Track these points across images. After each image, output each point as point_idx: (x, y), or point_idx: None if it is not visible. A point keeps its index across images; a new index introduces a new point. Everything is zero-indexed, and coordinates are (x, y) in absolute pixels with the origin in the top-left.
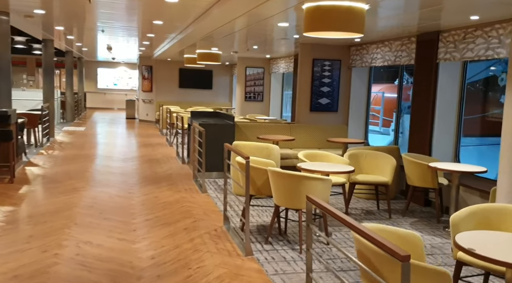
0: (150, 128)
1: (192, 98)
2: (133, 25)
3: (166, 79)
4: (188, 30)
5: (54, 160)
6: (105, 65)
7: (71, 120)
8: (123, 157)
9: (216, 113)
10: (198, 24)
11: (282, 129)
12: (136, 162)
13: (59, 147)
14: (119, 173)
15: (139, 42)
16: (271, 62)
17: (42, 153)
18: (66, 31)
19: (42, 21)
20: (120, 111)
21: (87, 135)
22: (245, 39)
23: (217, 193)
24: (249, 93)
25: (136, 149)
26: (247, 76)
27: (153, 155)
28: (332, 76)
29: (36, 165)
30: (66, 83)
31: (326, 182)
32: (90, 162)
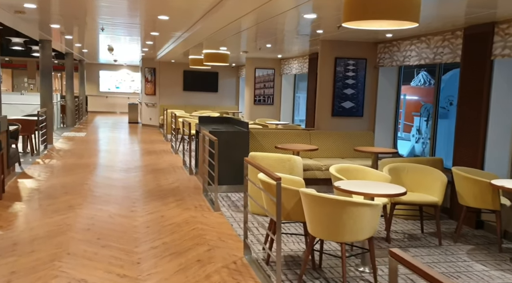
0: (154, 133)
1: (197, 101)
2: (135, 22)
3: (170, 82)
4: (195, 27)
5: (50, 171)
6: (107, 68)
7: (71, 125)
8: (125, 166)
9: (227, 119)
10: (207, 20)
11: (301, 137)
12: (139, 172)
13: (57, 155)
14: (121, 186)
15: (142, 41)
16: (282, 63)
17: (38, 162)
18: (63, 30)
19: (36, 18)
20: (122, 115)
21: (88, 141)
22: (256, 37)
23: (231, 211)
24: (258, 96)
25: (139, 156)
26: (257, 78)
27: (158, 163)
28: (356, 76)
29: (30, 177)
30: (66, 87)
31: (375, 209)
32: (89, 172)
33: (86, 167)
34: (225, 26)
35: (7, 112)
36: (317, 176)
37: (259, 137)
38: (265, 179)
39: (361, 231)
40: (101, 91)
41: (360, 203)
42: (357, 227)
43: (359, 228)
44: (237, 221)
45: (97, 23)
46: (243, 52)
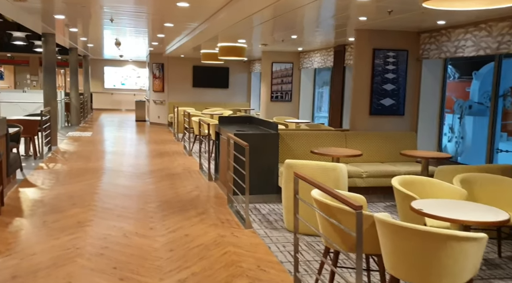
0: (163, 132)
1: (207, 98)
2: (147, 11)
3: (179, 78)
4: (216, 16)
5: (55, 177)
6: (112, 64)
7: (76, 124)
8: (137, 170)
9: (249, 118)
10: (231, 8)
11: (335, 139)
12: (153, 178)
13: (62, 158)
14: (134, 195)
15: (152, 35)
16: (302, 56)
17: (41, 167)
18: (68, 21)
19: (39, 8)
20: (128, 112)
21: (94, 142)
22: (283, 28)
23: (264, 228)
24: (275, 93)
25: (151, 159)
26: (274, 72)
27: (172, 167)
28: (397, 70)
29: (33, 185)
30: (71, 84)
31: (481, 243)
32: (98, 178)
33: (95, 172)
34: (250, 15)
35: (9, 111)
36: (357, 184)
37: (288, 140)
38: (319, 198)
39: (463, 272)
40: (106, 88)
41: (465, 237)
42: (458, 267)
43: (460, 268)
44: (275, 241)
45: (104, 13)
46: (262, 45)
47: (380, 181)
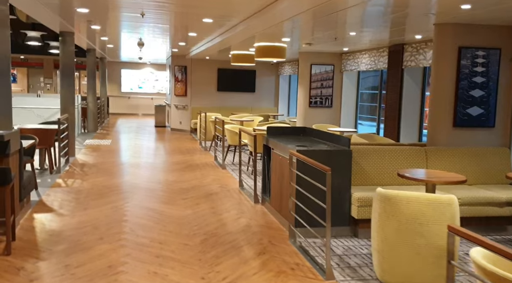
0: (187, 140)
1: (232, 102)
2: (187, 3)
3: (203, 81)
4: (261, 14)
5: (75, 198)
6: (129, 66)
7: (93, 130)
8: (167, 188)
9: (302, 129)
10: (283, 3)
11: (414, 156)
12: (189, 199)
13: (81, 172)
14: (172, 224)
15: (175, 36)
16: (345, 58)
17: (59, 184)
18: (91, 16)
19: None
20: (145, 117)
21: (115, 152)
22: (343, 23)
23: (350, 279)
24: (314, 98)
25: (181, 173)
26: (313, 75)
27: (206, 184)
28: (487, 73)
29: (49, 210)
30: (88, 87)
31: None
32: (124, 199)
33: (119, 190)
34: (309, 9)
35: (22, 118)
36: None
37: (358, 157)
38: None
39: None
40: (122, 91)
41: None
42: None
43: None
44: None
45: (135, 5)
46: (306, 44)
47: (475, 210)
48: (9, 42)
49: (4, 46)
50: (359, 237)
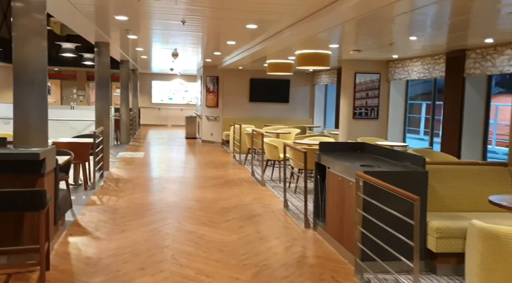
0: (219, 152)
1: (265, 114)
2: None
3: (235, 92)
4: (314, 19)
5: (111, 218)
6: (159, 78)
7: (126, 142)
8: (207, 208)
9: (360, 145)
10: (334, 10)
11: (495, 177)
12: (231, 222)
13: (116, 188)
14: (217, 252)
15: (212, 45)
16: (392, 65)
17: (94, 202)
18: (129, 25)
19: (99, 4)
20: (175, 128)
21: (149, 165)
22: (398, 27)
23: None
24: (359, 108)
25: (219, 190)
26: (357, 85)
27: (247, 203)
28: None
29: (85, 232)
30: (121, 99)
31: None
32: (163, 220)
33: (156, 209)
34: (366, 13)
35: (57, 130)
36: None
37: (432, 178)
38: None
39: None
40: (153, 102)
41: None
42: None
43: None
44: None
45: (177, 12)
46: (354, 51)
47: None
48: (46, 54)
49: (41, 58)
50: (438, 273)
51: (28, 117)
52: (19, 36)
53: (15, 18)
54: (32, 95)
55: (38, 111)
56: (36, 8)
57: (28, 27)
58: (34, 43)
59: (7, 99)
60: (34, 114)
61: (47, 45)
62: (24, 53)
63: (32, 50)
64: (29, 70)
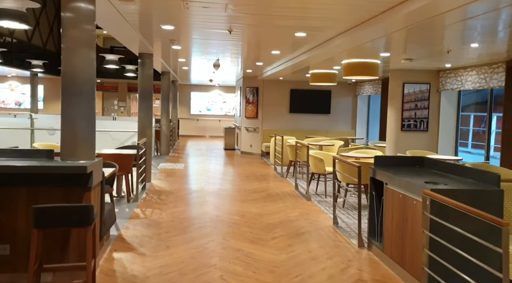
0: (259, 164)
1: (305, 125)
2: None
3: (275, 103)
4: (368, 26)
5: (156, 233)
6: (198, 89)
7: (165, 153)
8: (252, 223)
9: (419, 160)
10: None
11: None
12: (279, 239)
13: (159, 201)
14: (268, 272)
15: (254, 55)
16: (443, 75)
17: (137, 215)
18: (175, 35)
19: (146, 13)
20: (213, 139)
21: (189, 177)
22: (462, 33)
23: None
24: (407, 120)
25: (262, 205)
26: (405, 95)
27: (294, 219)
28: None
29: (130, 248)
30: (162, 110)
31: None
32: (208, 237)
33: (200, 224)
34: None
35: (100, 141)
36: None
37: (505, 198)
38: None
39: None
40: (191, 113)
41: None
42: None
43: None
44: None
45: (225, 20)
46: (405, 60)
47: None
48: (95, 65)
49: (90, 69)
50: None
51: (76, 129)
52: (68, 48)
53: (65, 29)
54: (80, 106)
55: (86, 123)
56: (85, 19)
57: (78, 38)
58: (83, 54)
59: (52, 111)
60: (82, 126)
61: (95, 57)
62: (73, 64)
63: (81, 61)
64: (77, 81)
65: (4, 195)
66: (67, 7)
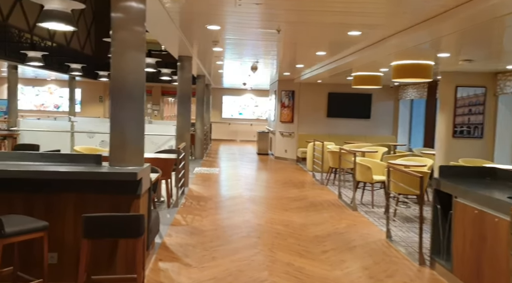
0: (295, 170)
1: (343, 130)
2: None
3: (312, 107)
4: (431, 25)
5: (200, 242)
6: (230, 93)
7: (200, 157)
8: (298, 234)
9: (488, 170)
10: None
11: None
12: (331, 255)
13: (198, 207)
14: None
15: (297, 56)
16: (502, 78)
17: (179, 222)
18: (219, 35)
19: (195, 11)
20: (244, 143)
21: (225, 182)
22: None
23: None
24: (460, 126)
25: (306, 214)
26: (458, 100)
27: (343, 232)
28: None
29: (175, 258)
30: (197, 114)
31: None
32: (253, 247)
33: (244, 233)
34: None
35: None
36: None
37: None
38: None
39: None
40: (223, 117)
41: None
42: None
43: None
44: None
45: (274, 17)
46: (464, 60)
47: None
48: (144, 68)
49: (140, 72)
50: None
51: (125, 134)
52: (117, 51)
53: (115, 31)
54: (130, 110)
55: (136, 127)
56: (136, 19)
57: (127, 40)
58: (133, 57)
59: (88, 114)
60: (132, 130)
61: (145, 60)
62: (122, 67)
63: (131, 64)
64: (127, 85)
65: (53, 201)
66: (117, 7)
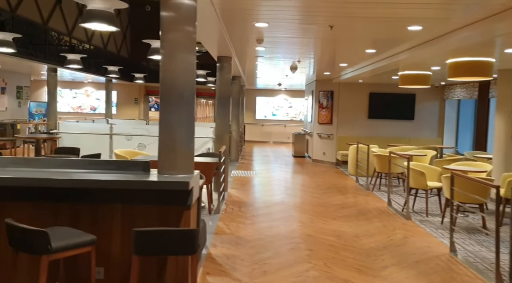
0: (335, 174)
1: (385, 132)
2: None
3: (352, 107)
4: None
5: (246, 254)
6: (264, 94)
7: (235, 159)
8: (351, 246)
9: None
10: None
11: None
12: (393, 271)
13: (239, 213)
14: None
15: (345, 53)
16: None
17: (222, 230)
18: (264, 33)
19: (239, 6)
20: (277, 145)
21: (265, 186)
22: None
23: None
24: None
25: (357, 223)
26: None
27: (400, 244)
28: None
29: (222, 272)
30: (232, 116)
31: None
32: (305, 260)
33: (292, 245)
34: None
35: None
36: None
37: None
38: None
39: None
40: (256, 119)
41: None
42: None
43: None
44: None
45: (326, 13)
46: None
47: None
48: (195, 70)
49: (190, 74)
50: None
51: (175, 140)
52: (167, 54)
53: (164, 32)
54: (180, 114)
55: (186, 132)
56: (186, 17)
57: (177, 41)
58: (184, 58)
59: (124, 116)
60: (182, 135)
61: (195, 62)
62: (172, 69)
63: (181, 66)
64: (176, 88)
65: (100, 212)
66: (167, 5)
